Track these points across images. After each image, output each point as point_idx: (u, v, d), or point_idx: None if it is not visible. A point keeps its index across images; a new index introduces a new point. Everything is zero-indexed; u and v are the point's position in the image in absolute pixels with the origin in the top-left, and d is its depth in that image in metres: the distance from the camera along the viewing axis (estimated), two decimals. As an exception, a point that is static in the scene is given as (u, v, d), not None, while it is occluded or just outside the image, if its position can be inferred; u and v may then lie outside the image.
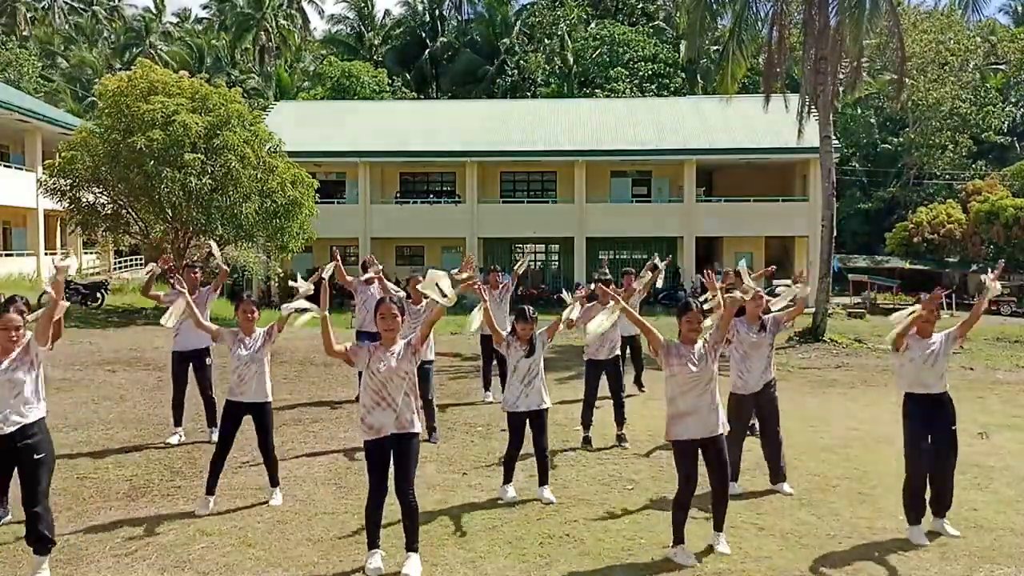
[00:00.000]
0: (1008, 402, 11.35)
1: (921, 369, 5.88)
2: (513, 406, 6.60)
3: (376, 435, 5.18)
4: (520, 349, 6.57)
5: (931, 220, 35.07)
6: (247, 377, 6.40)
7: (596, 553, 5.51)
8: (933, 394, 5.90)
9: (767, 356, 6.94)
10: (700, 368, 5.42)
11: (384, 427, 5.17)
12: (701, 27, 21.02)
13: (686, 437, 5.42)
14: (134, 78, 20.11)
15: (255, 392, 6.43)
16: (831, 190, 19.53)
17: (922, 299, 6.07)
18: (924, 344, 5.92)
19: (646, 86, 46.86)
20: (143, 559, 5.34)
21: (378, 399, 5.19)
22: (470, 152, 30.40)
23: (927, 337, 5.95)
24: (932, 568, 5.32)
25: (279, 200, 20.22)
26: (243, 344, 6.44)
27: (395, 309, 5.25)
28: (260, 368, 6.43)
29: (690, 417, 5.41)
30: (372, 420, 5.19)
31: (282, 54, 59.85)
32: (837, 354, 16.71)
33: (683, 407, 5.42)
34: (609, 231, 30.46)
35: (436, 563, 5.30)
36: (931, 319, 5.92)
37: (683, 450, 5.44)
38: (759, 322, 6.89)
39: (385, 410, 5.17)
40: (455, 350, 15.79)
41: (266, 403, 6.50)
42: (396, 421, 5.19)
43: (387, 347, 5.25)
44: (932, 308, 5.91)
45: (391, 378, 5.18)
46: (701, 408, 5.42)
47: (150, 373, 12.61)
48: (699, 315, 5.55)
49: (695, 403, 5.41)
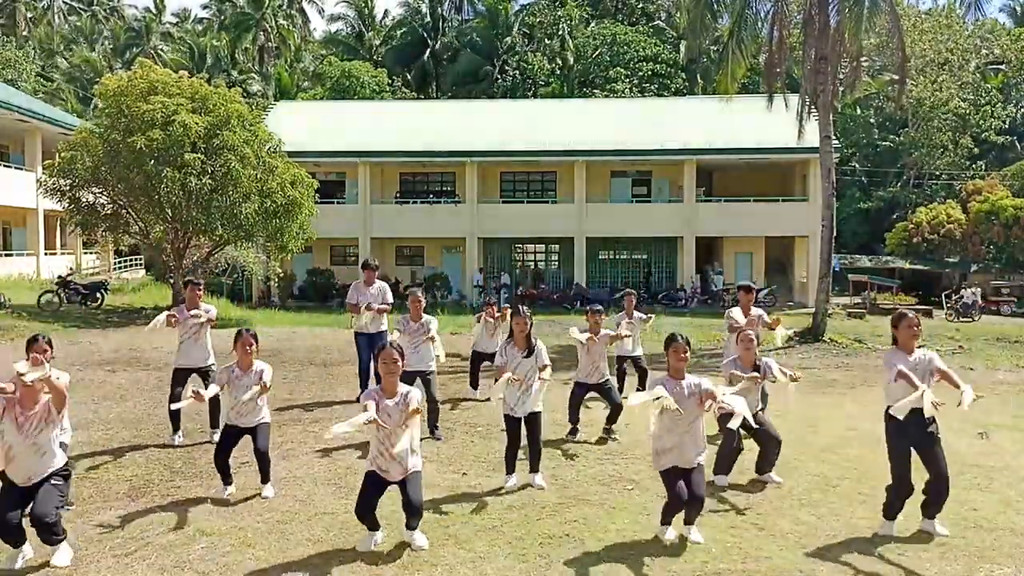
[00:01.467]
0: (1008, 402, 11.35)
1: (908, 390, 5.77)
2: (510, 410, 6.81)
3: (381, 473, 5.45)
4: (519, 353, 6.64)
5: (931, 220, 35.07)
6: (245, 412, 6.58)
7: (596, 553, 5.51)
8: (917, 409, 5.84)
9: (758, 396, 7.24)
10: (685, 409, 5.60)
11: (389, 473, 5.44)
12: (701, 27, 21.01)
13: (668, 467, 5.73)
14: (134, 78, 20.11)
15: (253, 417, 6.61)
16: (831, 190, 19.53)
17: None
18: (910, 363, 5.81)
19: (646, 86, 46.87)
20: (143, 559, 5.34)
21: (383, 449, 5.41)
22: (470, 152, 30.40)
23: (910, 353, 5.88)
24: (932, 568, 5.32)
25: (279, 200, 20.21)
26: (240, 382, 6.52)
27: (396, 354, 5.45)
28: (258, 404, 6.60)
29: (673, 452, 5.71)
30: (379, 463, 5.45)
31: (282, 54, 59.85)
32: (837, 354, 16.71)
33: (668, 443, 5.71)
34: (609, 231, 30.46)
35: (436, 563, 5.30)
36: (915, 333, 5.88)
37: (669, 479, 5.73)
38: (753, 366, 7.04)
39: (390, 461, 5.41)
40: (455, 351, 15.79)
41: (264, 424, 6.68)
42: (401, 469, 5.43)
43: (389, 394, 5.43)
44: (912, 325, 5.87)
45: (394, 431, 5.37)
46: (684, 445, 5.70)
47: (150, 373, 12.61)
48: (685, 346, 5.77)
49: (678, 440, 5.69)
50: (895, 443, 5.92)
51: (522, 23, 53.46)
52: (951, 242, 34.56)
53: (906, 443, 5.86)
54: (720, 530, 5.96)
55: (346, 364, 13.43)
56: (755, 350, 7.11)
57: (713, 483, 6.95)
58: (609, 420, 8.72)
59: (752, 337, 7.14)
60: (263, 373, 6.55)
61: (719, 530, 5.95)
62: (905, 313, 6.03)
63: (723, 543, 5.70)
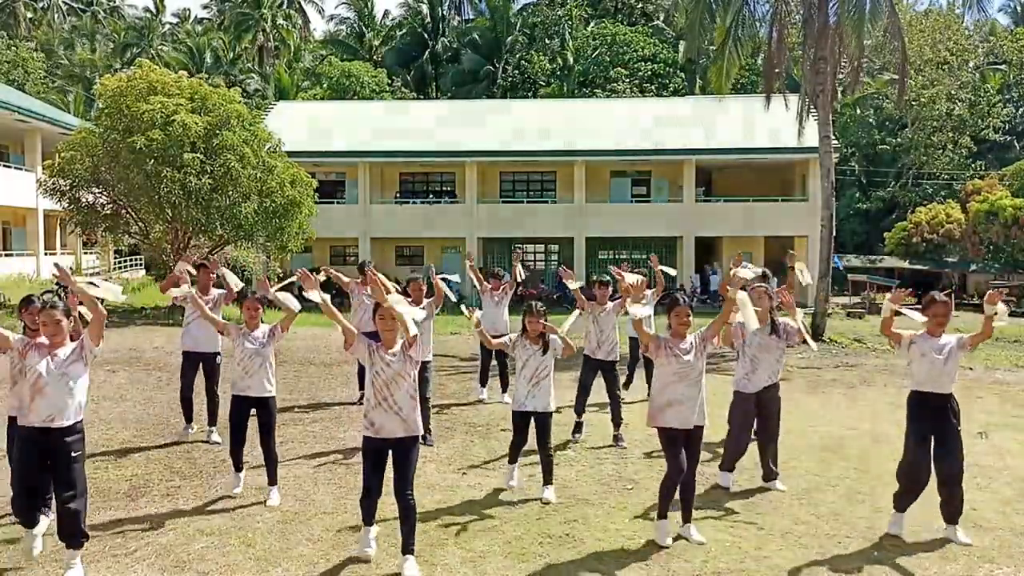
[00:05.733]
0: (1008, 402, 11.35)
1: (933, 368, 5.79)
2: (521, 405, 6.66)
3: (376, 434, 5.20)
4: (531, 347, 6.56)
5: (930, 220, 35.07)
6: (252, 370, 6.49)
7: (596, 553, 5.51)
8: (942, 394, 5.85)
9: (777, 360, 6.91)
10: (688, 360, 5.62)
11: (385, 428, 5.18)
12: (700, 27, 21.02)
13: (667, 425, 5.66)
14: (134, 78, 20.12)
15: (259, 386, 6.52)
16: (831, 190, 19.54)
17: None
18: (936, 344, 5.83)
19: (646, 86, 46.88)
20: (143, 559, 5.34)
21: (381, 399, 5.19)
22: (470, 152, 30.38)
23: (937, 337, 5.86)
24: (932, 568, 5.32)
25: (278, 200, 20.23)
26: (248, 338, 6.54)
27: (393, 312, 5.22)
28: (264, 362, 6.53)
29: (671, 408, 5.65)
30: (374, 417, 5.20)
31: (281, 54, 59.83)
32: (836, 354, 16.72)
33: (669, 397, 5.66)
34: (609, 231, 30.45)
35: (436, 563, 5.30)
36: (942, 321, 5.84)
37: (670, 437, 5.67)
38: (770, 323, 6.79)
39: (387, 411, 5.18)
40: (454, 351, 15.81)
41: (270, 398, 6.60)
42: (402, 424, 5.21)
43: (388, 347, 5.26)
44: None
45: (394, 379, 5.20)
46: (684, 401, 5.64)
47: (150, 373, 12.61)
48: (687, 309, 5.74)
49: (680, 394, 5.63)
50: (913, 427, 5.88)
51: (522, 23, 53.46)
52: (950, 242, 34.55)
53: (926, 428, 5.81)
54: (720, 530, 5.96)
55: (346, 364, 13.43)
56: (770, 307, 6.78)
57: (718, 485, 6.96)
58: (615, 423, 8.56)
59: (764, 291, 6.80)
60: (273, 329, 6.56)
61: (719, 530, 5.95)
62: (935, 298, 5.96)
63: (723, 543, 5.69)
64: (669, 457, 5.67)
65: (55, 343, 5.04)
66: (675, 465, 5.60)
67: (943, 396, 5.85)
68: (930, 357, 5.80)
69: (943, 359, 5.78)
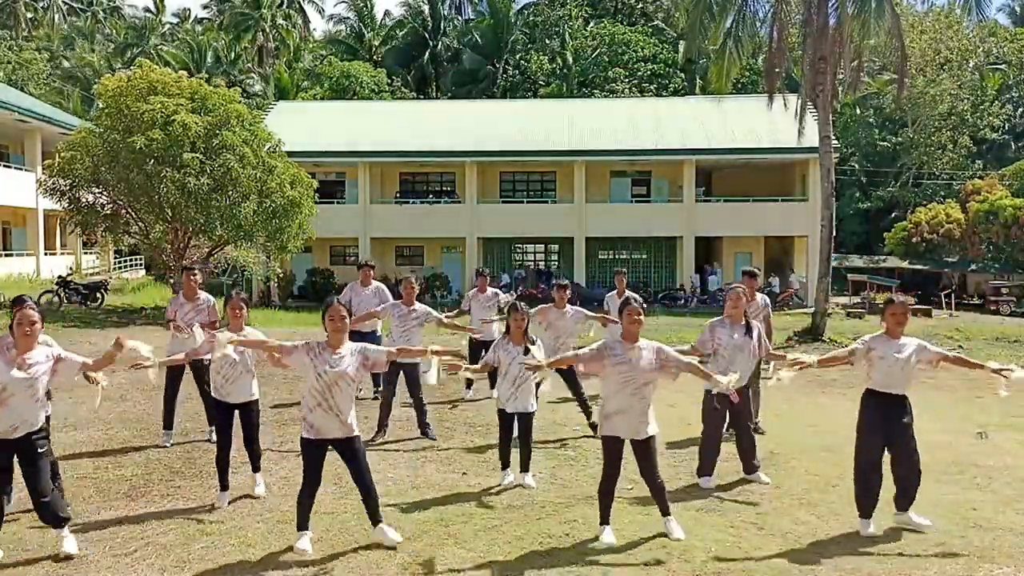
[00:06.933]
0: (1008, 402, 11.32)
1: (892, 369, 5.80)
2: (503, 405, 6.89)
3: (316, 435, 5.31)
4: (514, 348, 6.63)
5: (930, 220, 35.09)
6: (232, 377, 6.43)
7: (596, 553, 5.51)
8: (897, 395, 5.87)
9: (750, 360, 6.99)
10: (633, 369, 5.51)
11: (326, 430, 5.29)
12: (701, 27, 21.01)
13: (612, 434, 5.63)
14: (133, 78, 20.11)
15: (241, 392, 6.48)
16: (830, 190, 19.53)
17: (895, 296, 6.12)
18: (895, 345, 5.82)
19: (645, 86, 46.88)
20: (143, 559, 5.34)
21: (320, 400, 5.23)
22: (470, 152, 30.39)
23: (896, 339, 5.86)
24: (932, 568, 5.31)
25: (278, 200, 20.22)
26: None
27: (343, 311, 5.32)
28: (246, 368, 6.45)
29: (617, 417, 5.59)
30: (314, 420, 5.27)
31: (281, 54, 59.83)
32: (837, 354, 16.68)
33: (614, 406, 5.60)
34: (609, 231, 30.47)
35: (436, 563, 5.30)
36: (901, 321, 5.83)
37: (608, 447, 5.65)
38: (744, 324, 6.92)
39: (327, 413, 5.24)
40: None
41: (253, 402, 6.57)
42: (340, 427, 5.30)
43: (334, 348, 5.27)
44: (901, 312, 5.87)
45: (336, 382, 5.21)
46: (630, 410, 5.55)
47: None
48: (639, 308, 5.64)
49: (625, 403, 5.55)
50: (865, 438, 5.93)
51: (523, 23, 53.46)
52: (950, 242, 34.58)
53: (878, 439, 5.87)
54: (720, 530, 5.95)
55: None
56: (744, 308, 6.99)
57: (698, 485, 6.96)
58: (586, 415, 8.67)
59: (740, 293, 6.99)
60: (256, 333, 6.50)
61: (719, 530, 5.95)
62: (892, 299, 5.98)
63: (723, 543, 5.69)
64: (605, 465, 5.64)
65: (24, 346, 5.02)
66: (611, 468, 5.60)
67: (898, 397, 5.86)
68: (889, 359, 5.80)
69: (903, 359, 5.78)
